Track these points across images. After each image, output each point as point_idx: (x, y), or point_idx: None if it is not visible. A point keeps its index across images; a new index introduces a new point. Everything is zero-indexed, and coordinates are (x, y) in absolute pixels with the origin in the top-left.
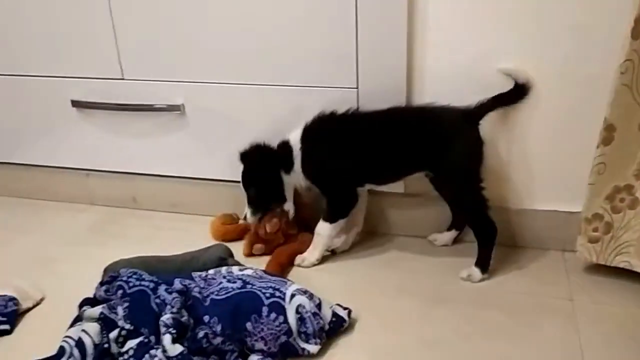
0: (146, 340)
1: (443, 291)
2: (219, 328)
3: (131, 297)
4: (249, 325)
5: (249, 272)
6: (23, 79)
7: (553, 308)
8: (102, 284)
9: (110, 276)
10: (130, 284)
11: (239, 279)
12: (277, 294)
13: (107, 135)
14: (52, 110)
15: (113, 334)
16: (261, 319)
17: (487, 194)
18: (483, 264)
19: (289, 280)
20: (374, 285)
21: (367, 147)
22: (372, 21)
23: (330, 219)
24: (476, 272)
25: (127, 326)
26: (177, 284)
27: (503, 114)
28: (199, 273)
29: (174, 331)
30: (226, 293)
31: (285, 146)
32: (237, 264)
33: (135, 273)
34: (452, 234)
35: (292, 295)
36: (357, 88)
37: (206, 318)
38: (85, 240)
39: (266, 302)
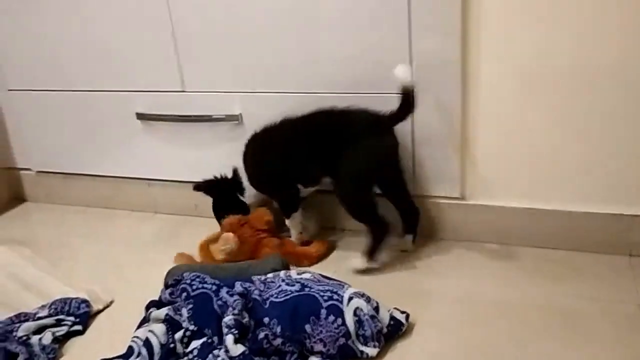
0: (209, 340)
1: (502, 297)
2: (278, 329)
3: (195, 300)
4: (307, 327)
5: (307, 275)
6: (93, 94)
7: (619, 314)
8: (166, 287)
9: (175, 279)
10: (194, 287)
11: (298, 282)
12: (335, 296)
13: (168, 145)
14: (119, 123)
15: (178, 335)
16: (320, 321)
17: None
18: (370, 253)
19: (346, 283)
20: (432, 290)
21: (289, 151)
22: (425, 25)
23: (285, 215)
24: (358, 261)
25: (192, 327)
26: (238, 286)
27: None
28: (258, 276)
29: (236, 332)
30: (285, 296)
31: (235, 171)
32: None
33: (198, 276)
34: (410, 237)
35: (350, 298)
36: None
37: (266, 320)
38: (150, 246)
39: (324, 304)
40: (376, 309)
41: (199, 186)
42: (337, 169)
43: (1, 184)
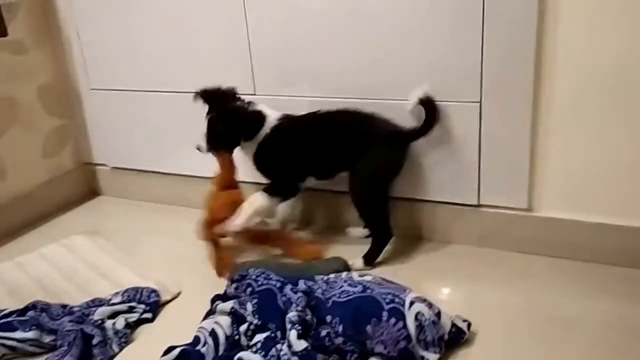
0: (273, 335)
1: (568, 311)
2: (340, 328)
3: (259, 295)
4: (369, 328)
5: (368, 278)
6: (169, 95)
7: None
8: (232, 281)
9: (240, 275)
10: (259, 283)
11: (360, 283)
12: (397, 300)
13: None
14: (191, 123)
15: (243, 327)
16: (381, 323)
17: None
18: (370, 258)
19: (407, 288)
20: (496, 301)
21: (309, 144)
22: (498, 36)
23: (269, 192)
24: (359, 263)
25: (256, 321)
26: (302, 284)
27: None
28: (320, 276)
29: (299, 328)
30: (347, 296)
31: (259, 114)
32: None
33: (263, 273)
34: (366, 231)
35: (412, 303)
36: (479, 102)
37: (328, 318)
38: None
39: (386, 307)
40: (438, 314)
41: (204, 92)
42: (356, 166)
43: (79, 178)
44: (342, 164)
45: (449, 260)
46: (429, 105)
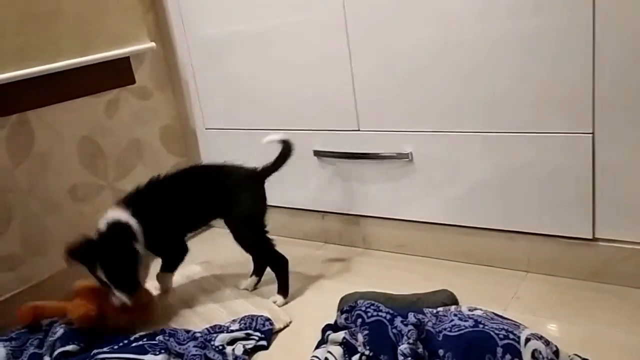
0: None
1: None
2: None
3: (370, 326)
4: None
5: (479, 312)
6: (275, 133)
7: None
8: (341, 312)
9: (349, 306)
10: (369, 314)
11: (470, 318)
12: (511, 336)
13: (341, 180)
14: (297, 159)
15: (355, 358)
16: (496, 359)
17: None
18: (284, 290)
19: (521, 324)
20: (617, 340)
21: (181, 202)
22: (612, 55)
23: (170, 269)
24: (280, 298)
25: (367, 352)
26: (412, 317)
27: None
28: (429, 309)
29: None
30: (458, 330)
31: (119, 224)
32: None
33: (372, 304)
34: (254, 279)
35: (527, 340)
36: (592, 133)
37: (441, 352)
38: (323, 274)
39: (500, 342)
40: (556, 353)
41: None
42: (228, 214)
43: None
44: (213, 214)
45: (561, 296)
46: (286, 144)
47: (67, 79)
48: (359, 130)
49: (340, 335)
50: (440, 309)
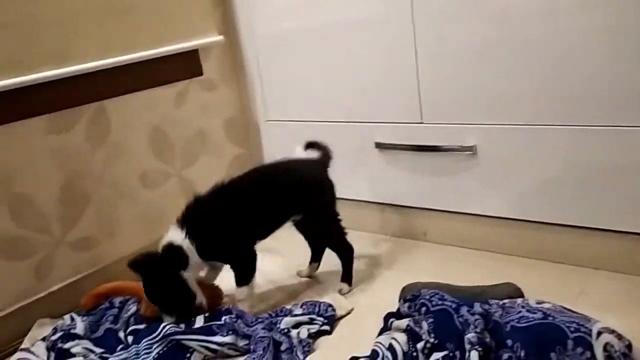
0: (451, 354)
1: None
2: (522, 354)
3: (435, 315)
4: (553, 355)
5: (547, 305)
6: (337, 125)
7: None
8: (404, 301)
9: (412, 295)
10: (433, 303)
11: (539, 310)
12: (582, 329)
13: (403, 173)
14: (358, 151)
15: (420, 345)
16: (566, 352)
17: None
18: (349, 278)
19: (592, 318)
20: None
21: (250, 209)
22: None
23: (243, 282)
24: (345, 286)
25: (432, 340)
26: (478, 307)
27: None
28: (495, 301)
29: (480, 349)
30: (527, 322)
31: (171, 248)
32: None
33: (437, 293)
34: (314, 266)
35: (599, 333)
36: None
37: (509, 342)
38: (383, 265)
39: (571, 335)
40: (628, 347)
41: (137, 264)
42: (308, 207)
43: None
44: (290, 213)
45: (631, 293)
46: (316, 145)
47: (142, 70)
48: (422, 122)
49: (404, 322)
50: (506, 301)
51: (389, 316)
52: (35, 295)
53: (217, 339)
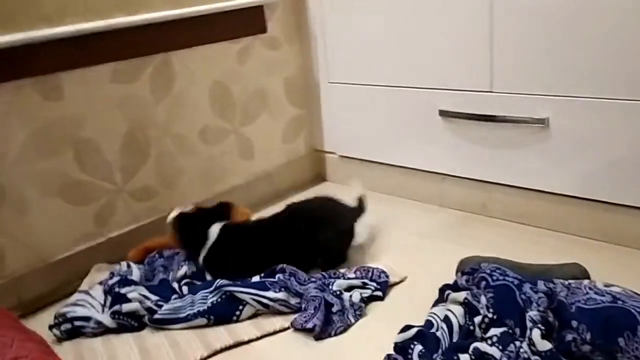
0: (510, 330)
1: None
2: (588, 336)
3: (495, 290)
4: (621, 340)
5: (617, 289)
6: (400, 90)
7: None
8: (462, 273)
9: (471, 268)
10: (494, 278)
11: (608, 293)
12: None
13: (466, 143)
14: (420, 118)
15: (477, 319)
16: (636, 337)
17: None
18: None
19: None
20: None
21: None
22: None
23: None
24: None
25: (490, 315)
26: (541, 285)
27: None
28: (559, 280)
29: (543, 328)
30: (595, 304)
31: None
32: None
33: (498, 268)
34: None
35: None
36: None
37: (574, 323)
38: (439, 236)
39: None
40: None
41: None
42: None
43: (309, 163)
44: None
45: None
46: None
47: (207, 23)
48: (491, 91)
49: (461, 295)
50: (571, 281)
51: (445, 288)
52: (94, 241)
53: (270, 294)
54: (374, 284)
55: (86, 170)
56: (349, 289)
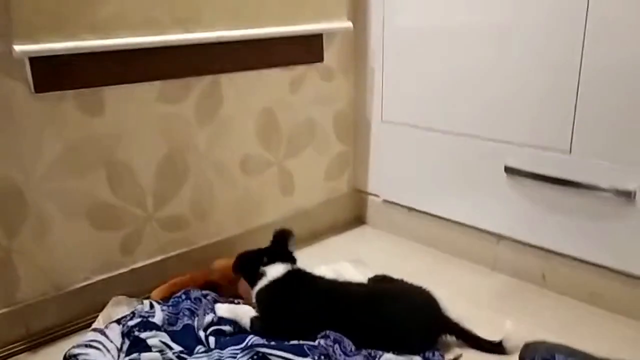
0: None
1: None
2: None
3: None
4: None
5: None
6: (461, 138)
7: None
8: None
9: (543, 359)
10: None
11: None
12: None
13: (531, 205)
14: (482, 171)
15: None
16: None
17: None
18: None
19: None
20: None
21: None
22: None
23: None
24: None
25: None
26: None
27: None
28: None
29: None
30: None
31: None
32: None
33: None
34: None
35: None
36: None
37: None
38: (491, 306)
39: None
40: None
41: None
42: None
43: (349, 204)
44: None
45: None
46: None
47: (263, 48)
48: (570, 152)
49: None
50: None
51: None
52: (116, 270)
53: None
54: None
55: (117, 194)
56: None
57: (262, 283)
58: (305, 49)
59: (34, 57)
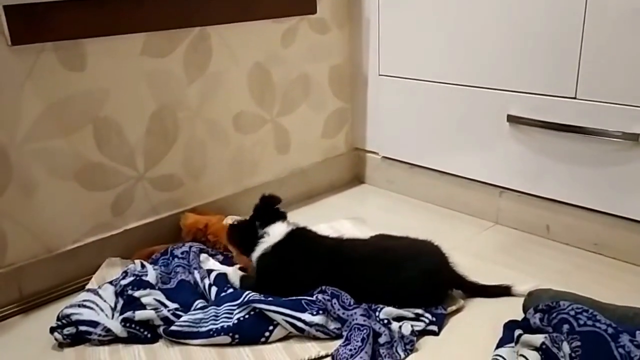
0: None
1: None
2: None
3: (583, 337)
4: None
5: None
6: (461, 89)
7: None
8: (536, 310)
9: (547, 305)
10: (581, 322)
11: None
12: None
13: (534, 155)
14: (484, 122)
15: None
16: None
17: None
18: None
19: None
20: None
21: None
22: None
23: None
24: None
25: None
26: None
27: None
28: None
29: None
30: None
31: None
32: None
33: (585, 310)
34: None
35: None
36: None
37: None
38: (496, 259)
39: None
40: None
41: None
42: None
43: (347, 162)
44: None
45: None
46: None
47: None
48: (575, 97)
49: (538, 338)
50: None
51: (513, 325)
52: (108, 232)
53: (306, 316)
54: (429, 316)
55: (105, 153)
56: (399, 318)
57: (263, 246)
58: (296, 0)
59: (8, 5)
